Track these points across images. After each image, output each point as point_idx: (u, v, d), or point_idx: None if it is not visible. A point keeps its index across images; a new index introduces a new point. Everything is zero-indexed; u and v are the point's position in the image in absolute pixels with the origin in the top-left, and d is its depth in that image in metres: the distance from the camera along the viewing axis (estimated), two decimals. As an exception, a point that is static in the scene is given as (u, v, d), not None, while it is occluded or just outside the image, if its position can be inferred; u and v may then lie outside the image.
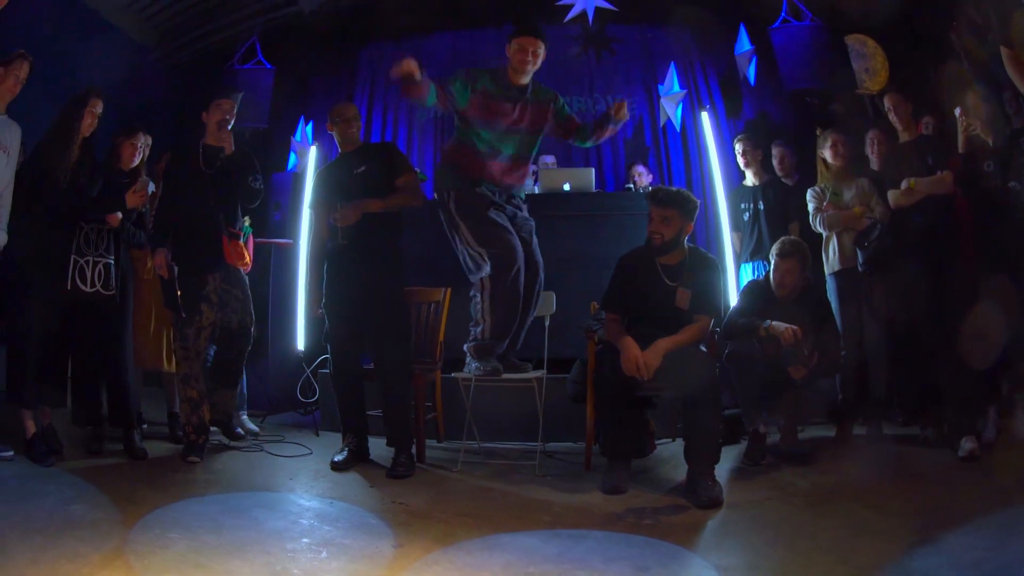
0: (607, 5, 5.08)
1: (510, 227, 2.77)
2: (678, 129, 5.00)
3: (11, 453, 2.57)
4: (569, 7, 5.07)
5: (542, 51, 2.84)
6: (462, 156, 2.82)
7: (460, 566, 1.68)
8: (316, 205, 2.95)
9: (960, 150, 3.09)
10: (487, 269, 2.70)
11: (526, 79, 2.85)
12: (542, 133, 2.95)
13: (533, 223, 2.95)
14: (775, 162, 3.90)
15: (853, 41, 4.83)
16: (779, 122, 5.14)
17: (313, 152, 4.73)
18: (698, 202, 2.65)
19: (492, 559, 1.73)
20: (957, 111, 3.13)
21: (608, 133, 2.98)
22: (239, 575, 1.69)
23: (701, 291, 2.55)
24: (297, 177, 4.71)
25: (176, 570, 1.70)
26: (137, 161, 2.93)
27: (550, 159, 4.66)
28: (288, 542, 1.90)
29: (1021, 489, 2.14)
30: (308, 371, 3.71)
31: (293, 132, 5.15)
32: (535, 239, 2.93)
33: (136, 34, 6.03)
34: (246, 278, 2.93)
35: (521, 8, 5.32)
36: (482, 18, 5.63)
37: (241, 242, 2.81)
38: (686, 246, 2.62)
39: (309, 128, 5.15)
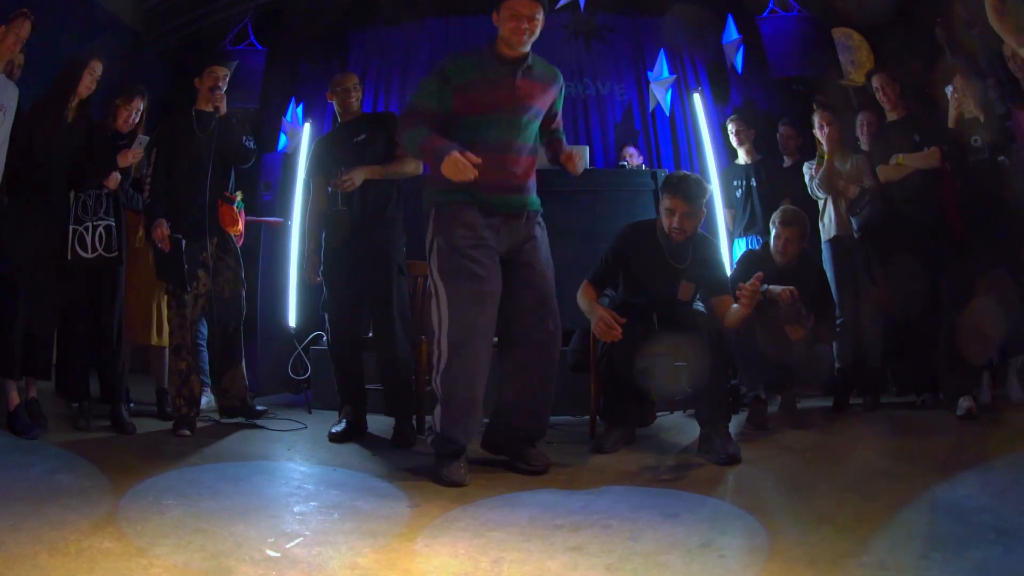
0: (598, -7, 5.07)
1: (489, 282, 2.07)
2: (667, 114, 4.99)
3: None
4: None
5: (540, 17, 2.11)
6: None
7: (483, 521, 1.60)
8: (313, 173, 2.84)
9: (952, 125, 3.12)
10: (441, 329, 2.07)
11: (524, 50, 2.15)
12: (537, 118, 2.26)
13: (542, 248, 2.26)
14: (780, 140, 3.94)
15: (839, 35, 4.91)
16: (765, 109, 5.18)
17: (306, 131, 4.62)
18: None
19: (515, 514, 1.65)
20: (948, 89, 3.17)
21: (547, 161, 2.48)
22: (244, 537, 1.57)
23: (714, 277, 2.52)
24: (288, 158, 4.62)
25: (174, 535, 1.57)
26: (134, 122, 2.82)
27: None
28: (295, 505, 1.80)
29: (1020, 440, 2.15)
30: (300, 348, 3.57)
31: (284, 113, 5.02)
32: (543, 269, 2.24)
33: (128, 18, 5.89)
34: (238, 246, 2.80)
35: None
36: (475, 4, 5.58)
37: (236, 207, 2.68)
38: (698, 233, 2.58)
39: (300, 109, 5.03)
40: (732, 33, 5.02)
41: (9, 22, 2.56)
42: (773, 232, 2.91)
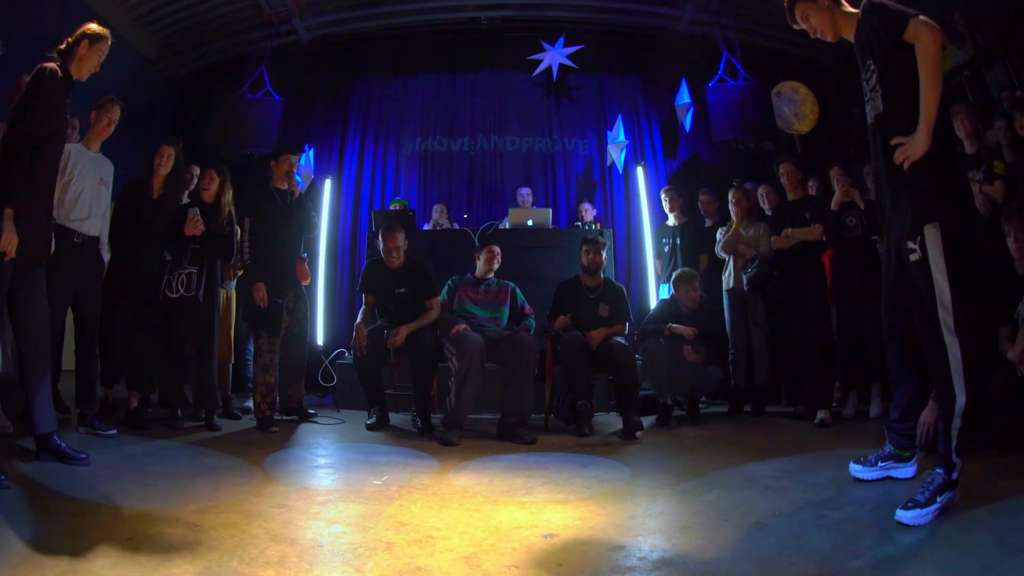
0: (569, 62, 6.64)
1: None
2: (620, 172, 6.57)
3: (114, 432, 3.45)
4: (539, 62, 6.61)
5: (497, 252, 4.41)
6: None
7: (480, 469, 3.08)
8: (364, 289, 4.42)
9: (833, 207, 4.38)
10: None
11: (489, 275, 4.36)
12: (504, 306, 4.33)
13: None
14: (701, 206, 5.44)
15: (786, 88, 6.36)
16: (708, 163, 6.79)
17: (327, 186, 6.08)
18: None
19: (497, 465, 3.14)
20: (836, 180, 4.49)
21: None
22: (358, 476, 2.92)
23: (617, 309, 4.26)
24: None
25: (314, 479, 2.93)
26: (211, 191, 4.06)
27: (526, 191, 6.17)
28: (374, 463, 3.20)
29: (847, 443, 3.50)
30: (327, 361, 5.05)
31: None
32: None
33: (142, 46, 7.12)
34: (305, 293, 4.24)
35: (495, 56, 6.85)
36: (461, 63, 7.09)
37: (305, 264, 4.15)
38: (602, 276, 4.32)
39: (311, 154, 6.44)
40: (684, 96, 6.59)
41: (100, 107, 3.54)
42: (675, 288, 4.52)
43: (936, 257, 2.23)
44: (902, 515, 2.15)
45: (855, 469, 2.71)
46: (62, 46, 2.80)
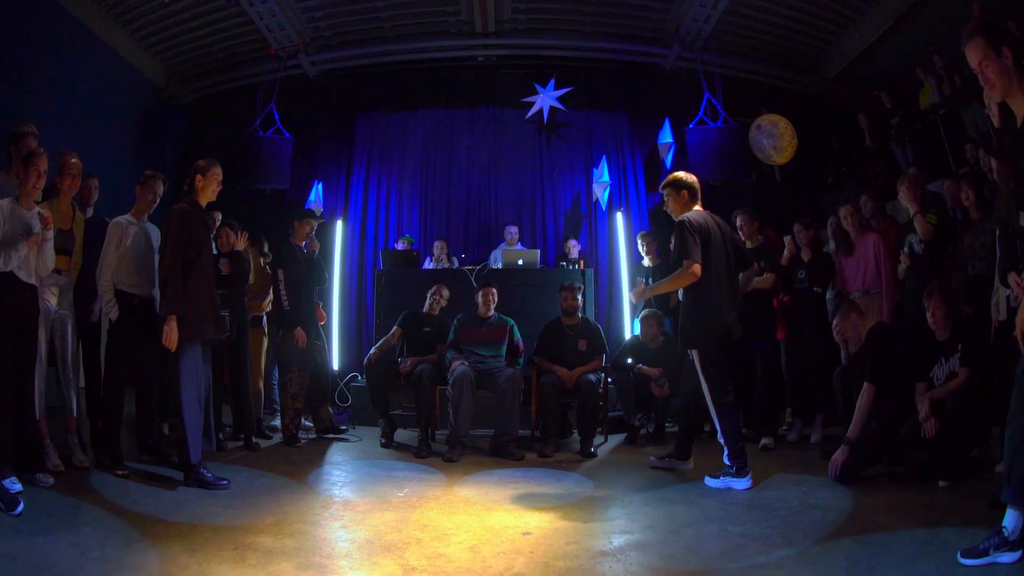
0: (559, 104, 7.77)
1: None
2: (604, 209, 7.74)
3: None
4: (531, 104, 7.74)
5: (494, 292, 5.52)
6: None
7: (478, 482, 4.22)
8: (402, 323, 5.61)
9: (783, 262, 5.41)
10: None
11: (489, 313, 5.44)
12: (503, 344, 5.42)
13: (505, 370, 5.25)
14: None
15: (766, 122, 7.48)
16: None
17: (339, 227, 7.23)
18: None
19: (491, 478, 4.29)
20: (787, 239, 5.58)
21: None
22: (384, 491, 4.03)
23: (595, 343, 5.38)
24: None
25: (350, 488, 4.18)
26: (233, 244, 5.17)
27: (513, 229, 7.33)
28: (395, 477, 4.39)
29: (780, 468, 4.57)
30: (342, 384, 6.23)
31: (308, 192, 7.53)
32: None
33: (151, 73, 8.15)
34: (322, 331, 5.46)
35: (490, 97, 7.97)
36: (459, 100, 8.20)
37: (320, 308, 5.36)
38: (580, 316, 5.46)
39: (320, 188, 7.56)
40: (667, 135, 7.74)
41: (144, 183, 4.24)
42: (640, 326, 5.71)
43: None
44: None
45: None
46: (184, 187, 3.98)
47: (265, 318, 5.65)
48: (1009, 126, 2.70)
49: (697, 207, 4.19)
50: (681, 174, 4.36)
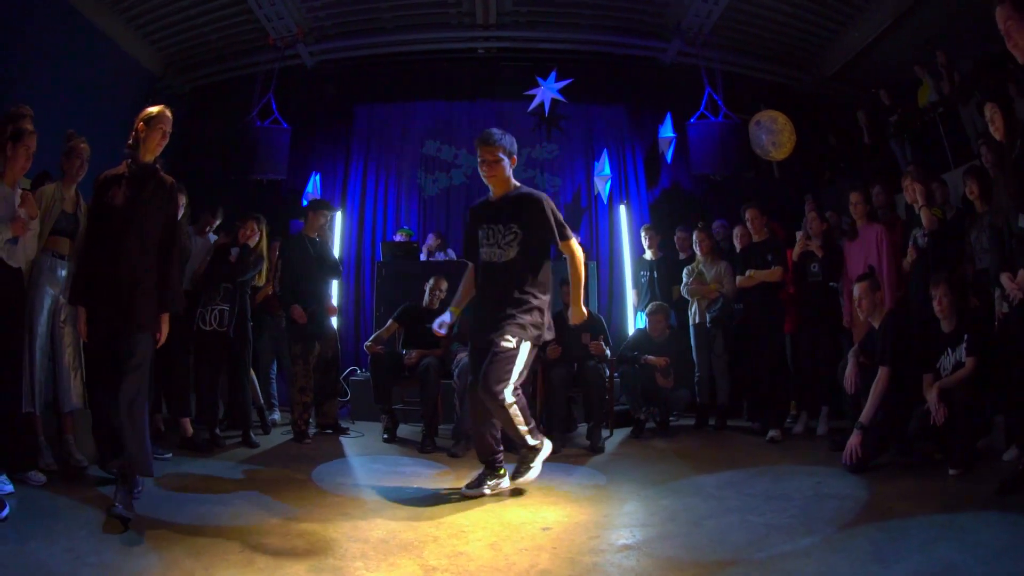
0: (560, 97, 7.65)
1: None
2: (605, 203, 7.63)
3: (170, 455, 4.28)
4: (532, 97, 7.61)
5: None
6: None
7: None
8: (396, 317, 5.42)
9: (795, 257, 5.47)
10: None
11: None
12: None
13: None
14: (676, 242, 6.47)
15: (765, 118, 7.40)
16: (687, 193, 7.87)
17: (337, 218, 7.06)
18: None
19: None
20: (798, 234, 5.55)
21: None
22: (389, 492, 3.93)
23: (596, 335, 5.24)
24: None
25: (353, 481, 4.04)
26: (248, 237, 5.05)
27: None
28: (401, 471, 4.24)
29: (788, 459, 4.53)
30: (340, 378, 6.06)
31: (305, 183, 7.36)
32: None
33: (147, 62, 7.94)
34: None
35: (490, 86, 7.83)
36: (459, 93, 8.05)
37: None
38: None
39: (317, 179, 7.38)
40: (668, 129, 7.63)
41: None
42: (647, 320, 5.60)
43: None
44: None
45: None
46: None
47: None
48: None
49: None
50: None
